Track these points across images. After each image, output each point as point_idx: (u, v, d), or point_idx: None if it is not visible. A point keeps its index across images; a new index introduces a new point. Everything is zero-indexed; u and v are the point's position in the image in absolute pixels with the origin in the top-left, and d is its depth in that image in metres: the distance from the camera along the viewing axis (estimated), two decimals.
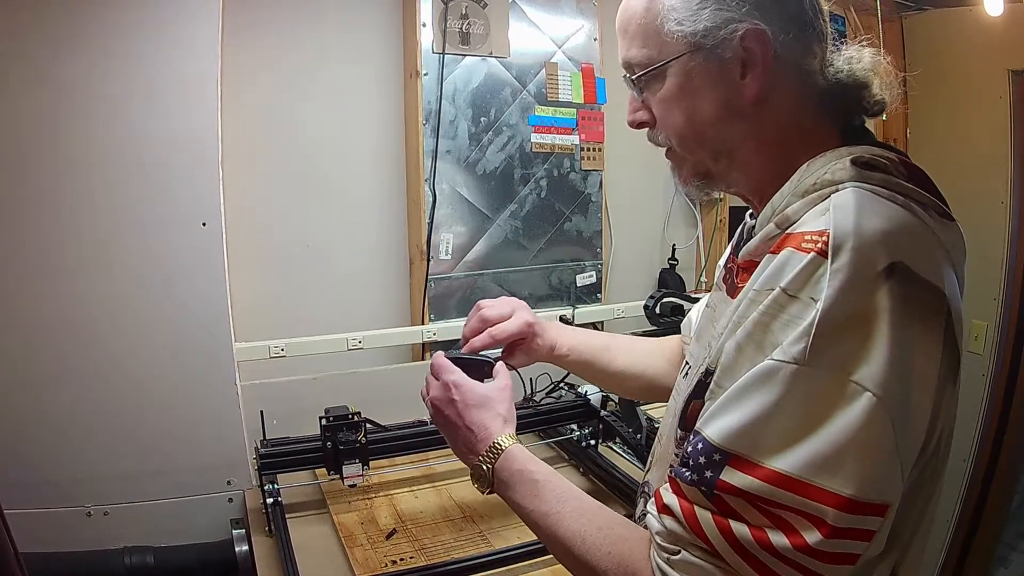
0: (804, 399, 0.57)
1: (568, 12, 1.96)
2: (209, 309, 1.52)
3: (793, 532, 0.57)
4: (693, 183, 0.77)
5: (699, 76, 0.70)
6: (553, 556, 0.78)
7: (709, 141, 0.73)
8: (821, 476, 0.56)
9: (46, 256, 1.42)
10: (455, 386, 0.87)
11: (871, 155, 0.65)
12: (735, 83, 0.69)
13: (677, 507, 0.63)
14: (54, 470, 1.45)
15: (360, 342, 1.78)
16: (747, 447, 0.59)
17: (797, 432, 0.57)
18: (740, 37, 0.67)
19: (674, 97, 0.72)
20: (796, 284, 0.59)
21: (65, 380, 1.45)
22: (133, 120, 1.43)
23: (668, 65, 0.71)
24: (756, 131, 0.71)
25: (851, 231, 0.58)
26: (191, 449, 1.54)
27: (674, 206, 2.28)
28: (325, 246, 1.85)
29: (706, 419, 0.63)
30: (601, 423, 1.68)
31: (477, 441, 0.83)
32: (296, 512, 1.44)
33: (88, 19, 1.38)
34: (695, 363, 0.79)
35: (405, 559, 1.28)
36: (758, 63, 0.68)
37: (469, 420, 0.84)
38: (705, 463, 0.61)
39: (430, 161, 1.82)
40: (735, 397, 0.60)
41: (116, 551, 1.46)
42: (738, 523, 0.59)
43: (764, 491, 0.57)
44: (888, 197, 0.62)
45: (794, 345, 0.57)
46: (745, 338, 0.62)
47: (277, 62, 1.74)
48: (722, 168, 0.74)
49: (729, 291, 0.78)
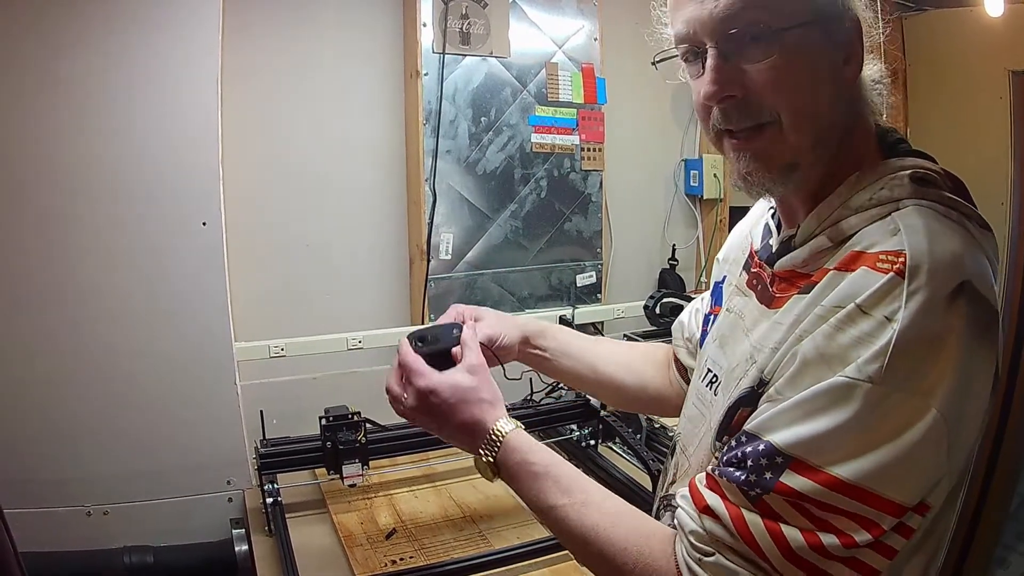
0: (875, 416, 0.58)
1: (569, 12, 1.96)
2: (209, 308, 1.52)
3: (841, 533, 0.58)
4: (777, 171, 0.68)
5: (819, 49, 0.65)
6: (568, 551, 0.77)
7: (823, 120, 0.66)
8: (883, 486, 0.57)
9: (46, 257, 1.42)
10: (430, 392, 0.80)
11: (925, 170, 0.65)
12: (840, 67, 0.66)
13: (723, 510, 0.62)
14: (54, 470, 1.45)
15: (360, 342, 1.78)
16: (811, 453, 0.59)
17: (865, 444, 0.58)
18: (848, 22, 0.65)
19: (796, 66, 0.64)
20: (871, 301, 0.59)
21: (65, 380, 1.45)
22: (133, 120, 1.44)
23: (795, 30, 0.63)
24: (844, 122, 0.68)
25: (925, 253, 0.58)
26: (191, 449, 1.54)
27: (674, 206, 2.28)
28: (325, 246, 1.85)
29: (766, 424, 0.62)
30: (601, 423, 1.68)
31: (475, 436, 0.80)
32: (296, 512, 1.44)
33: (88, 20, 1.38)
34: (724, 372, 0.77)
35: (405, 559, 1.28)
36: (856, 52, 0.66)
37: (458, 420, 0.80)
38: (766, 464, 0.60)
39: (430, 161, 1.82)
40: (804, 408, 0.60)
41: (116, 551, 1.46)
42: (789, 527, 0.59)
43: (821, 495, 0.58)
44: (945, 214, 0.63)
45: (870, 364, 0.57)
46: (812, 350, 0.61)
47: (277, 62, 1.74)
48: (814, 159, 0.67)
49: (762, 299, 0.75)
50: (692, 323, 1.00)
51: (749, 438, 0.63)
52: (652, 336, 2.04)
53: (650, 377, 1.05)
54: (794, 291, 0.68)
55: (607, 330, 2.11)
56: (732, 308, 0.81)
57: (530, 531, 1.36)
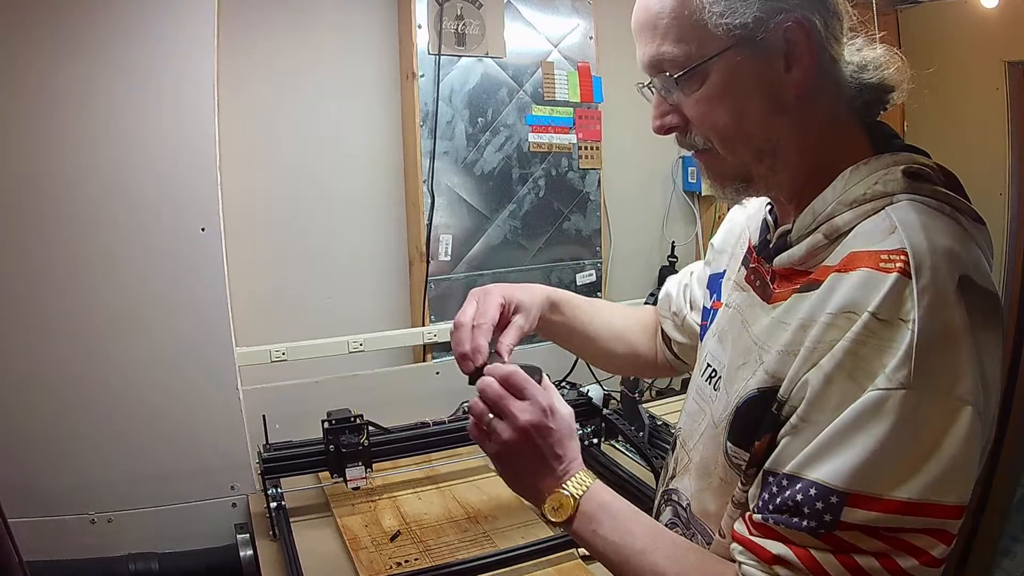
0: (915, 423, 0.57)
1: (563, 11, 1.96)
2: (210, 314, 1.52)
3: (920, 552, 0.58)
4: (732, 186, 0.73)
5: (745, 72, 0.65)
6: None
7: (756, 140, 0.69)
8: (942, 494, 0.57)
9: (46, 263, 1.42)
10: (552, 412, 0.76)
11: (918, 165, 0.65)
12: (780, 77, 0.66)
13: (792, 556, 0.60)
14: (57, 477, 1.45)
15: (361, 344, 1.78)
16: (867, 484, 0.57)
17: (915, 458, 0.57)
18: (785, 28, 0.64)
19: (718, 95, 0.67)
20: (884, 307, 0.58)
21: (67, 387, 1.45)
22: (131, 126, 1.43)
23: (712, 61, 0.65)
24: (800, 127, 0.68)
25: (926, 249, 0.58)
26: (194, 454, 1.54)
27: (672, 203, 2.28)
28: (325, 249, 1.85)
29: (806, 461, 0.60)
30: (603, 421, 1.68)
31: (565, 471, 0.76)
32: (300, 516, 1.44)
33: (85, 24, 1.38)
34: (725, 369, 0.76)
35: (410, 561, 1.28)
36: (803, 55, 0.65)
37: (562, 449, 0.76)
38: (823, 508, 0.58)
39: (428, 162, 1.82)
40: (841, 434, 0.58)
41: (120, 558, 1.46)
42: (863, 556, 0.58)
43: (890, 521, 0.57)
44: (937, 208, 0.63)
45: (898, 371, 0.56)
46: (834, 367, 0.59)
47: (274, 65, 1.74)
48: (764, 170, 0.70)
49: (761, 295, 0.75)
50: (680, 298, 1.01)
51: (791, 480, 0.61)
52: None
53: (641, 344, 1.08)
54: (793, 287, 0.68)
55: None
56: (731, 303, 0.81)
57: (535, 531, 1.36)
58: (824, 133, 0.69)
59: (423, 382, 1.86)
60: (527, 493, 0.79)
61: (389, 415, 1.55)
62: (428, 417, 1.61)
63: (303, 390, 1.70)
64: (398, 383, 1.80)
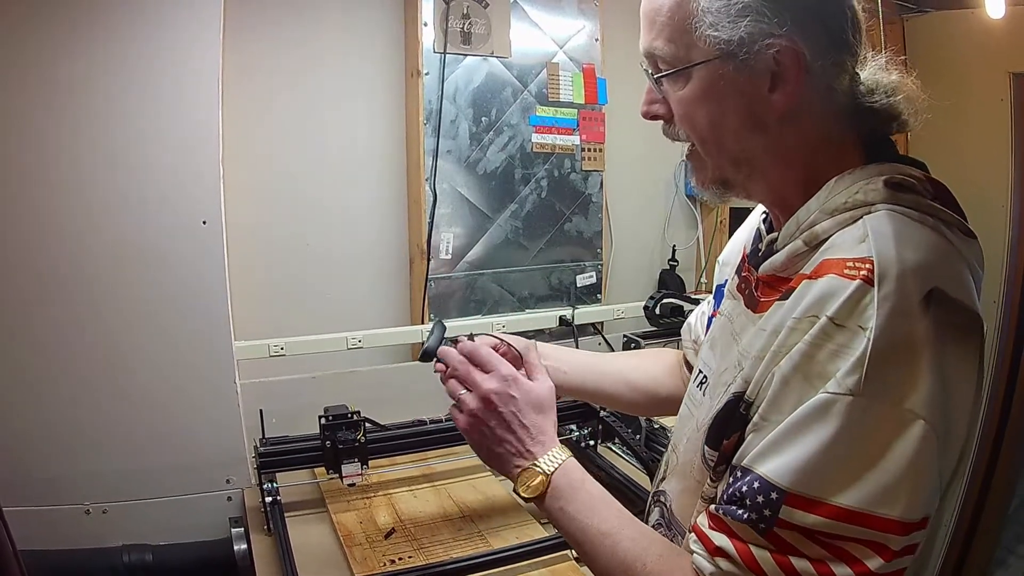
0: (862, 430, 0.57)
1: (570, 12, 1.96)
2: (209, 307, 1.52)
3: (856, 561, 0.57)
4: (711, 188, 0.74)
5: (726, 84, 0.67)
6: (592, 572, 0.75)
7: (728, 149, 0.70)
8: (883, 506, 0.57)
9: (46, 255, 1.42)
10: (514, 381, 0.80)
11: (902, 175, 0.65)
12: (762, 96, 0.66)
13: (732, 549, 0.62)
14: (53, 468, 1.45)
15: (360, 341, 1.77)
16: (808, 485, 0.58)
17: (858, 466, 0.57)
18: (775, 52, 0.64)
19: (697, 100, 0.69)
20: (843, 312, 0.58)
21: (64, 378, 1.45)
22: (134, 119, 1.43)
23: (696, 67, 0.67)
24: (777, 145, 0.69)
25: (894, 259, 0.58)
26: (190, 447, 1.54)
27: (674, 207, 2.28)
28: (325, 245, 1.85)
29: (757, 456, 0.61)
30: (600, 424, 1.68)
31: (534, 444, 0.78)
32: (295, 511, 1.44)
33: (88, 19, 1.38)
34: (713, 375, 0.77)
35: (404, 558, 1.27)
36: (790, 80, 0.65)
37: (529, 421, 0.79)
38: (763, 502, 0.59)
39: (431, 160, 1.82)
40: (789, 433, 0.59)
41: (115, 549, 1.46)
42: (799, 559, 0.58)
43: (827, 527, 0.57)
44: (919, 219, 0.62)
45: (848, 376, 0.57)
46: (791, 369, 0.60)
47: (278, 61, 1.74)
48: (741, 177, 0.72)
49: (748, 303, 0.76)
50: (698, 325, 1.01)
51: (743, 472, 0.62)
52: (652, 336, 2.05)
53: (662, 382, 1.07)
54: (776, 296, 0.68)
55: (607, 330, 2.12)
56: (723, 311, 0.82)
57: (529, 531, 1.36)
58: (813, 148, 0.69)
59: (421, 380, 1.84)
60: (498, 464, 0.81)
61: (386, 412, 1.55)
62: (425, 415, 1.61)
63: (301, 385, 1.70)
64: (396, 380, 1.80)
